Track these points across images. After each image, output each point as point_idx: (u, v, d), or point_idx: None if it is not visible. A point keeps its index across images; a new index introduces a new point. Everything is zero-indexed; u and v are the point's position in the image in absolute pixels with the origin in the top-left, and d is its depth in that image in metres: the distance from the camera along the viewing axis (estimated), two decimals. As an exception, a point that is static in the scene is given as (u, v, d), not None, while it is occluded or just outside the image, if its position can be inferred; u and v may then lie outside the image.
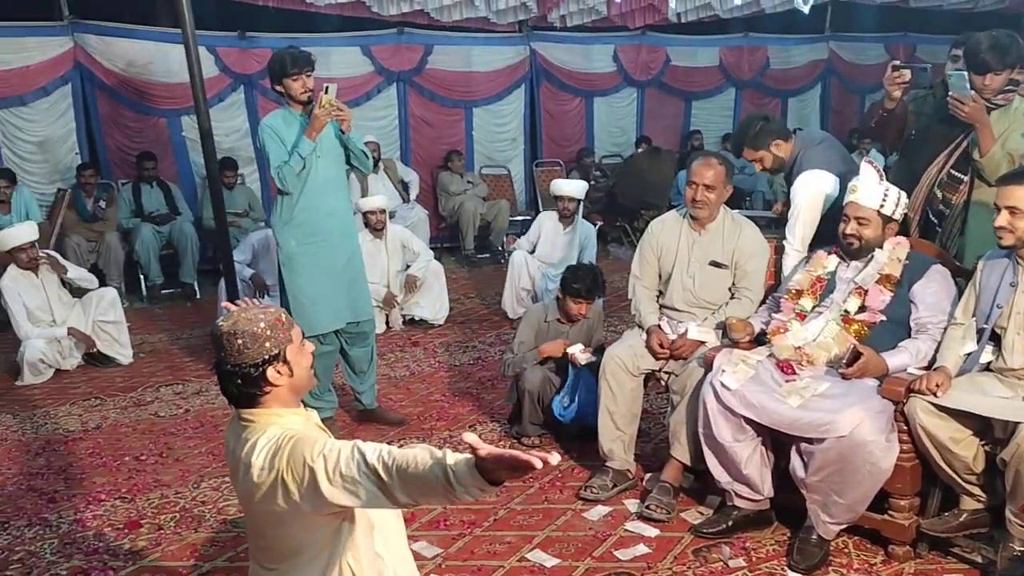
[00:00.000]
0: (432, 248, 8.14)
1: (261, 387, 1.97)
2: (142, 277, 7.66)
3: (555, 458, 1.56)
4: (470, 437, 1.63)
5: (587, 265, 4.17)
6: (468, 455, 1.68)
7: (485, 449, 1.62)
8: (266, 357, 1.95)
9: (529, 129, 10.07)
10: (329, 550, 1.99)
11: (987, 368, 2.92)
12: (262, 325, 1.96)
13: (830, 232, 3.35)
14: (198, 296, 7.60)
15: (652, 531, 3.23)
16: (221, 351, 1.97)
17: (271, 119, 4.08)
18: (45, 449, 4.33)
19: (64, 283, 5.71)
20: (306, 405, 4.21)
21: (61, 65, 7.84)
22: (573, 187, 6.54)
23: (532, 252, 6.52)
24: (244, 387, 1.97)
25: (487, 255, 8.95)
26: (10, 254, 5.49)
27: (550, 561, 3.05)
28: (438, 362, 5.58)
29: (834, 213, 3.45)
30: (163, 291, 7.72)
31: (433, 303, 6.47)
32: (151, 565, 3.16)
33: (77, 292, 5.82)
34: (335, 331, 4.22)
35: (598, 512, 3.40)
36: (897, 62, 3.81)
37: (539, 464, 1.56)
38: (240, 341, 1.94)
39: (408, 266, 6.52)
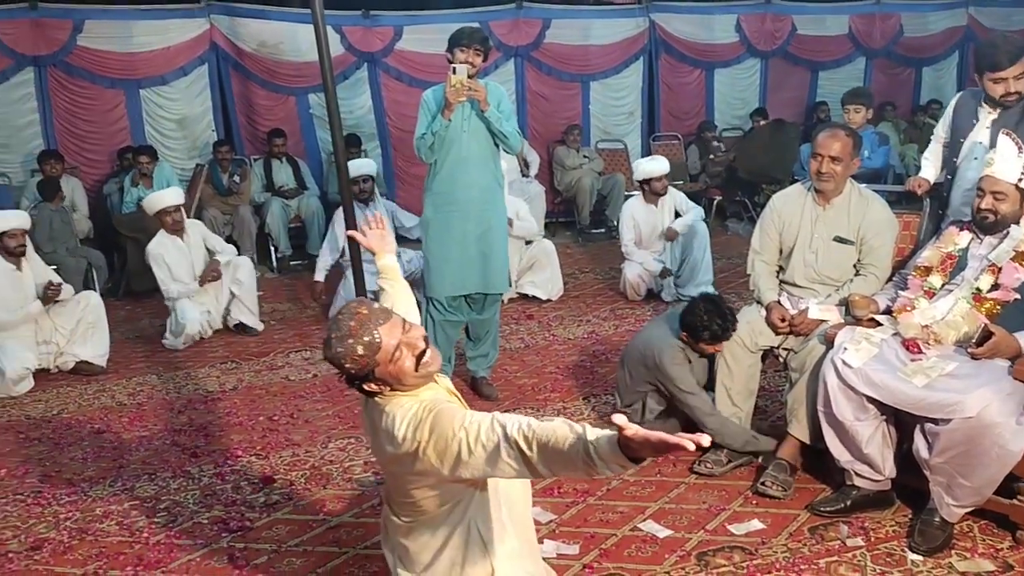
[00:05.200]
0: (547, 223, 8.21)
1: (369, 393, 2.10)
2: (272, 249, 8.05)
3: (706, 440, 1.54)
4: (619, 419, 1.64)
5: (709, 301, 3.60)
6: (610, 431, 1.71)
7: (632, 429, 1.62)
8: (357, 377, 2.07)
9: (647, 103, 9.97)
10: (461, 512, 2.11)
11: None
12: (340, 351, 2.03)
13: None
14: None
15: (767, 508, 3.22)
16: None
17: (429, 92, 4.28)
18: (187, 408, 4.65)
19: (208, 250, 6.06)
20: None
21: (198, 46, 8.29)
22: (659, 166, 6.39)
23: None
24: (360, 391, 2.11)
25: (602, 230, 8.95)
26: (157, 217, 5.88)
27: (662, 532, 3.08)
28: (552, 335, 5.65)
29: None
30: (291, 262, 8.09)
31: (546, 282, 6.52)
32: (284, 518, 3.36)
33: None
34: (465, 300, 4.37)
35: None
36: None
37: (691, 446, 1.54)
38: (333, 362, 2.06)
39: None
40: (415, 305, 2.67)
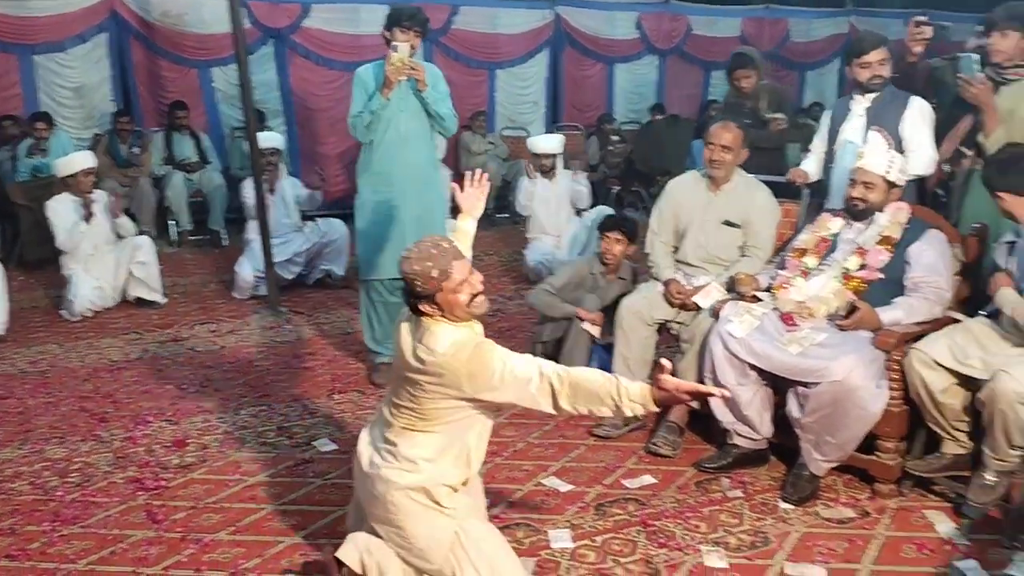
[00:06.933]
0: (452, 206, 8.34)
1: (420, 312, 2.39)
2: (172, 223, 7.93)
3: (728, 393, 1.96)
4: (665, 362, 2.17)
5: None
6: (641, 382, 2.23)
7: (667, 376, 2.17)
8: (420, 295, 2.35)
9: (551, 93, 10.25)
10: (462, 431, 2.42)
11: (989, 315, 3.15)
12: (416, 270, 2.32)
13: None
14: (225, 244, 7.87)
15: (658, 465, 3.51)
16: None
17: (363, 69, 4.24)
18: (92, 376, 4.64)
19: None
20: (370, 350, 4.50)
21: (98, 13, 8.09)
22: (550, 143, 6.74)
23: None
24: (410, 306, 2.41)
25: (506, 215, 9.17)
26: (73, 177, 5.78)
27: (564, 487, 3.33)
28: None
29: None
30: (192, 237, 8.01)
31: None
32: (200, 478, 3.45)
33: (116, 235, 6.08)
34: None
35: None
36: (921, 18, 4.02)
37: (718, 392, 2.33)
38: (406, 278, 2.36)
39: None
40: None
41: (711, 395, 2.25)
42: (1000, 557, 2.80)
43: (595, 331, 4.10)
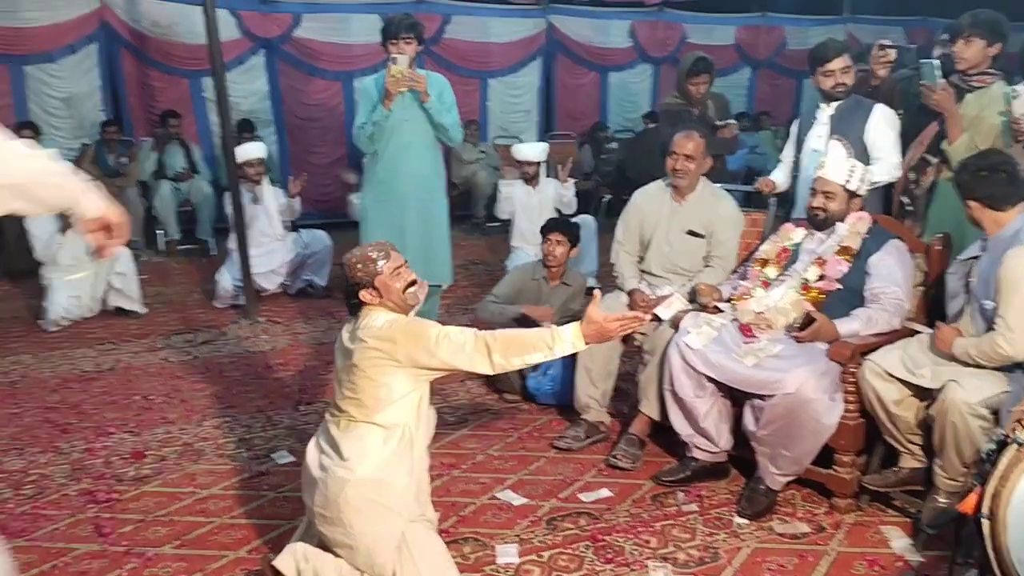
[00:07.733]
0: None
1: (359, 303, 2.53)
2: (160, 232, 7.94)
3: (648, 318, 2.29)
4: (597, 293, 2.49)
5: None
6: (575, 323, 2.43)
7: (595, 309, 2.39)
8: (358, 282, 2.51)
9: (544, 102, 10.23)
10: (402, 410, 2.48)
11: None
12: (356, 256, 2.53)
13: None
14: (213, 253, 7.86)
15: (617, 479, 3.45)
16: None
17: (369, 79, 4.30)
18: (61, 386, 4.62)
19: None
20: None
21: (88, 24, 8.12)
22: (533, 151, 6.66)
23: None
24: (351, 300, 2.56)
25: (496, 224, 9.13)
26: None
27: (518, 500, 3.28)
28: (439, 320, 5.78)
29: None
30: (180, 247, 8.01)
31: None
32: (153, 490, 3.42)
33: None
34: None
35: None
36: (885, 41, 4.00)
37: (647, 318, 2.71)
38: (348, 267, 2.54)
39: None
40: None
41: (640, 321, 2.48)
42: (955, 574, 2.73)
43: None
